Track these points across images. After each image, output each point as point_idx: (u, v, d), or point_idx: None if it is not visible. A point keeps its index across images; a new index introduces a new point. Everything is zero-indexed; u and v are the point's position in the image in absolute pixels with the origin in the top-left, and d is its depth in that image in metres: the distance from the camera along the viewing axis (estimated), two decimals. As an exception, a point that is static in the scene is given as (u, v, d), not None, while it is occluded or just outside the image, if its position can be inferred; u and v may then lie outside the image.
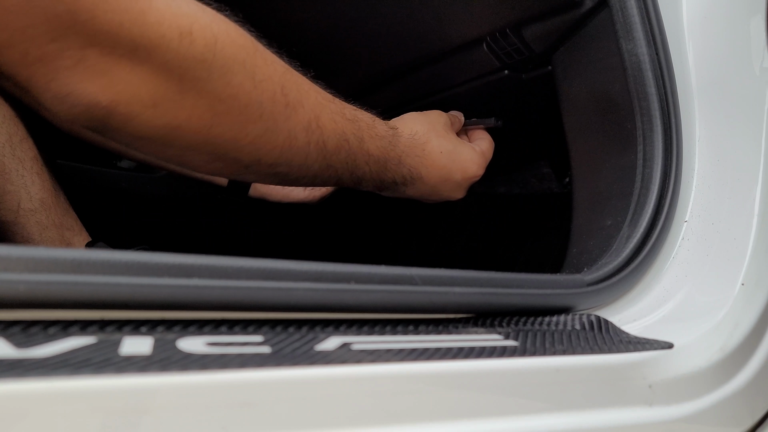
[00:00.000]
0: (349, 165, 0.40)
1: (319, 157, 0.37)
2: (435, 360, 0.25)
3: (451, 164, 0.47)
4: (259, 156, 0.34)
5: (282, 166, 0.36)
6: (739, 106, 0.44)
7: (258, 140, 0.33)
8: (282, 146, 0.35)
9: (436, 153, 0.46)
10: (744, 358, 0.35)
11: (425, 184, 0.47)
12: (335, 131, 0.38)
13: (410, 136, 0.45)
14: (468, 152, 0.49)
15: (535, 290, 0.34)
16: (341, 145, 0.38)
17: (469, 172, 0.49)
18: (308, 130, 0.36)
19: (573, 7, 0.48)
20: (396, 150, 0.44)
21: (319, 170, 0.38)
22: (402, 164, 0.44)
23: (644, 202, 0.41)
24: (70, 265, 0.22)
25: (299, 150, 0.36)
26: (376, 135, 0.41)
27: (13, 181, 0.50)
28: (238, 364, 0.22)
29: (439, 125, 0.49)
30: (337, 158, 0.39)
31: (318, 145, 0.37)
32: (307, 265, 0.27)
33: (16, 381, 0.18)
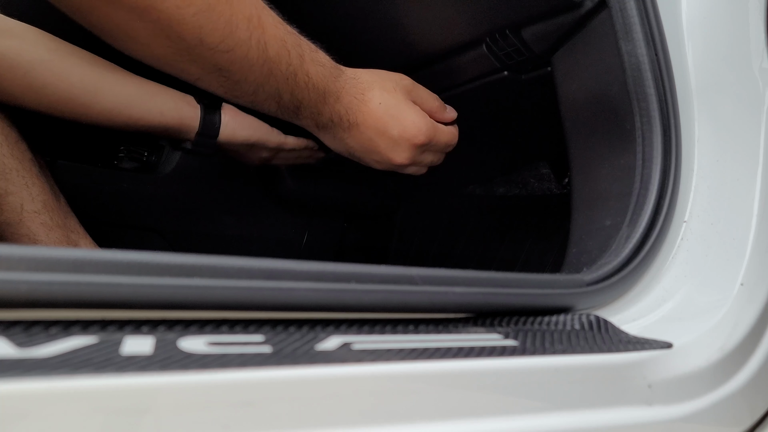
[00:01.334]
0: (290, 81, 0.40)
1: (260, 58, 0.38)
2: (435, 359, 0.25)
3: (388, 118, 0.47)
4: (202, 35, 0.35)
5: (223, 54, 0.37)
6: (739, 106, 0.44)
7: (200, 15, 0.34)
8: (223, 30, 0.36)
9: (375, 102, 0.46)
10: (743, 357, 0.36)
11: (361, 133, 0.47)
12: (276, 36, 0.39)
13: (353, 77, 0.46)
14: (412, 114, 0.48)
15: (534, 290, 0.34)
16: (281, 54, 0.39)
17: (408, 131, 0.48)
18: (250, 22, 0.37)
19: (572, 8, 0.48)
20: (336, 84, 0.44)
21: (260, 76, 0.39)
22: (340, 101, 0.45)
23: (643, 202, 0.41)
24: (72, 264, 0.22)
25: (240, 41, 0.37)
26: (318, 60, 0.42)
27: (15, 181, 0.50)
28: (239, 364, 0.22)
29: (389, 82, 0.48)
30: (277, 67, 0.39)
31: (259, 43, 0.38)
32: (307, 264, 0.27)
33: (17, 381, 0.18)
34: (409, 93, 0.50)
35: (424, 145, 0.50)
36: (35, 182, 0.51)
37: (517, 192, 0.84)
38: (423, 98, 0.52)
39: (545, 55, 0.55)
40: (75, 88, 0.52)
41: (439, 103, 0.54)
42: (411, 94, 0.50)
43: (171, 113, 0.58)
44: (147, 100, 0.57)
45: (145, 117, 0.57)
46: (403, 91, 0.49)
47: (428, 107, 0.52)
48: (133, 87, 0.56)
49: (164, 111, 0.58)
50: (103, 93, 0.54)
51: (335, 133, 0.48)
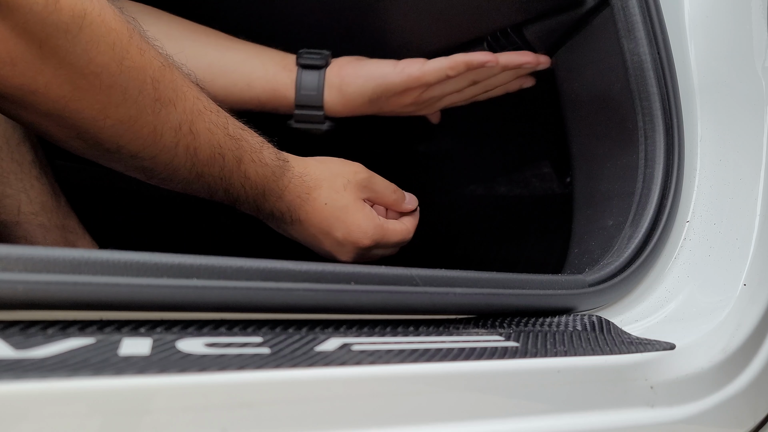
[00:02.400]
0: (224, 182, 0.39)
1: (188, 162, 0.36)
2: (435, 361, 0.25)
3: (333, 220, 0.45)
4: (120, 143, 0.34)
5: (146, 160, 0.35)
6: (741, 105, 0.44)
7: (120, 126, 0.33)
8: (146, 139, 0.34)
9: (320, 202, 0.44)
10: (746, 359, 0.35)
11: (305, 229, 0.45)
12: (210, 142, 0.37)
13: (300, 175, 0.43)
14: (360, 217, 0.45)
15: (536, 291, 0.33)
16: (215, 159, 0.37)
17: (353, 235, 0.45)
18: (178, 131, 0.35)
19: (574, 6, 0.48)
20: (278, 183, 0.42)
21: (188, 176, 0.37)
22: (282, 200, 0.43)
23: (646, 202, 0.40)
24: (69, 265, 0.22)
25: (165, 148, 0.35)
26: (260, 160, 0.40)
27: (12, 184, 0.49)
28: (237, 365, 0.21)
29: (341, 179, 0.45)
30: (209, 170, 0.38)
31: (188, 150, 0.36)
32: (306, 265, 0.27)
33: (14, 382, 0.18)
34: (362, 189, 0.47)
35: (369, 248, 0.47)
36: (34, 184, 0.51)
37: (518, 191, 0.84)
38: (379, 192, 0.48)
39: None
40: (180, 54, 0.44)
41: (399, 194, 0.50)
42: (364, 191, 0.47)
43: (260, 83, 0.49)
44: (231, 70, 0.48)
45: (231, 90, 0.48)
46: (354, 188, 0.46)
47: (385, 201, 0.49)
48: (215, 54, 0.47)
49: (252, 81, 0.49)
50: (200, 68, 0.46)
51: (278, 224, 0.46)
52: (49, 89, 0.30)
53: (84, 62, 0.30)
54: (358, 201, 0.46)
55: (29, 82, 0.29)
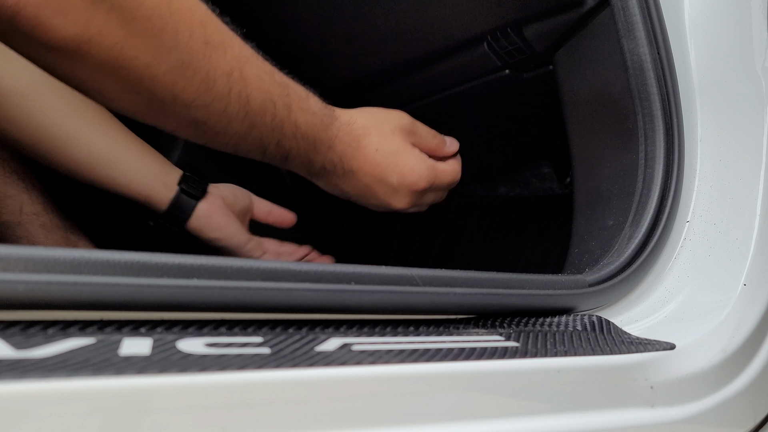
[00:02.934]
0: (276, 132, 0.38)
1: (241, 111, 0.36)
2: (436, 361, 0.25)
3: (386, 165, 0.45)
4: (175, 92, 0.33)
5: (199, 109, 0.35)
6: (741, 105, 0.44)
7: (173, 72, 0.32)
8: (199, 86, 0.34)
9: (371, 148, 0.44)
10: (746, 359, 0.35)
11: (358, 180, 0.45)
12: (260, 89, 0.37)
13: (347, 123, 0.43)
14: (412, 159, 0.46)
15: (536, 291, 0.33)
16: (266, 106, 0.37)
17: (407, 178, 0.45)
18: (230, 77, 0.35)
19: (574, 6, 0.48)
20: (328, 132, 0.42)
21: (241, 128, 0.37)
22: (333, 150, 0.42)
23: (646, 202, 0.40)
24: (70, 265, 0.22)
25: (218, 96, 0.35)
26: (308, 109, 0.40)
27: (15, 184, 0.49)
28: (237, 365, 0.21)
29: (387, 125, 0.46)
30: (261, 120, 0.37)
31: (240, 97, 0.36)
32: (307, 265, 0.27)
33: (15, 382, 0.18)
34: (408, 134, 0.47)
35: (425, 190, 0.47)
36: (35, 185, 0.51)
37: (518, 191, 0.84)
38: (422, 137, 0.49)
39: (547, 54, 0.55)
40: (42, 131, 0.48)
41: (439, 139, 0.51)
42: (410, 136, 0.47)
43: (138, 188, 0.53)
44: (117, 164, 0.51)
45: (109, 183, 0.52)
46: (401, 133, 0.47)
47: (428, 146, 0.49)
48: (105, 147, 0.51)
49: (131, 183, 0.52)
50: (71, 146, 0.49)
51: (329, 179, 0.45)
52: (102, 36, 0.30)
53: (134, 5, 0.30)
54: (407, 145, 0.46)
55: (82, 30, 0.29)
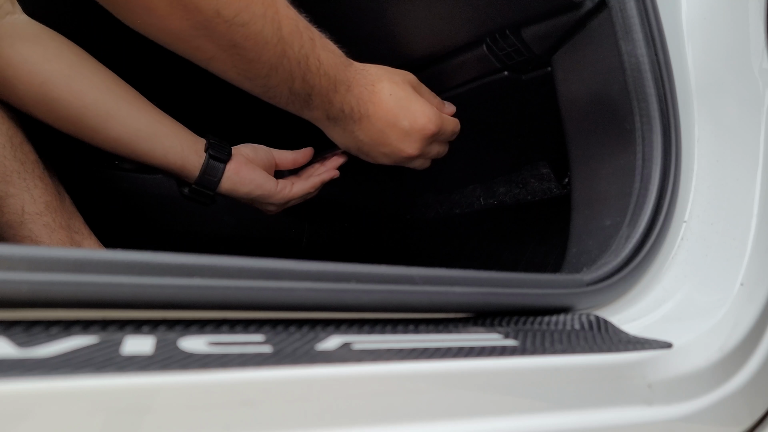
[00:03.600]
0: (302, 65, 0.41)
1: (274, 36, 0.39)
2: (435, 359, 0.25)
3: (398, 109, 0.48)
4: (218, 7, 0.36)
5: (239, 27, 0.37)
6: (738, 107, 0.44)
7: None
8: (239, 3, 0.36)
9: (385, 93, 0.47)
10: (743, 357, 0.36)
11: (372, 124, 0.48)
12: (289, 17, 0.39)
13: (362, 69, 0.47)
14: (421, 104, 0.50)
15: (534, 290, 0.34)
16: (294, 34, 0.40)
17: (418, 122, 0.49)
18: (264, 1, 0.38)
19: (572, 8, 0.48)
20: (347, 73, 0.45)
21: (274, 56, 0.39)
22: (351, 91, 0.45)
23: (643, 202, 0.41)
24: (72, 264, 0.22)
25: (255, 15, 0.37)
26: (328, 47, 0.43)
27: (16, 183, 0.50)
28: (239, 364, 0.22)
29: (397, 75, 0.50)
30: (291, 48, 0.40)
31: (273, 21, 0.38)
32: (308, 264, 0.27)
33: (17, 380, 0.18)
34: (415, 87, 0.52)
35: (434, 135, 0.51)
36: (37, 184, 0.51)
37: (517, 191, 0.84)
38: (425, 94, 0.54)
39: (545, 56, 0.55)
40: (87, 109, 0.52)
41: (439, 99, 0.56)
42: (416, 88, 0.52)
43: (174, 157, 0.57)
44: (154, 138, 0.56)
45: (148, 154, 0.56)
46: (410, 84, 0.51)
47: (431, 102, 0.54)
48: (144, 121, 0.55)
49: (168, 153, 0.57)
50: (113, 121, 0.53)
51: (345, 125, 0.48)
52: None
53: None
54: (415, 93, 0.50)
55: None
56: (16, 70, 0.48)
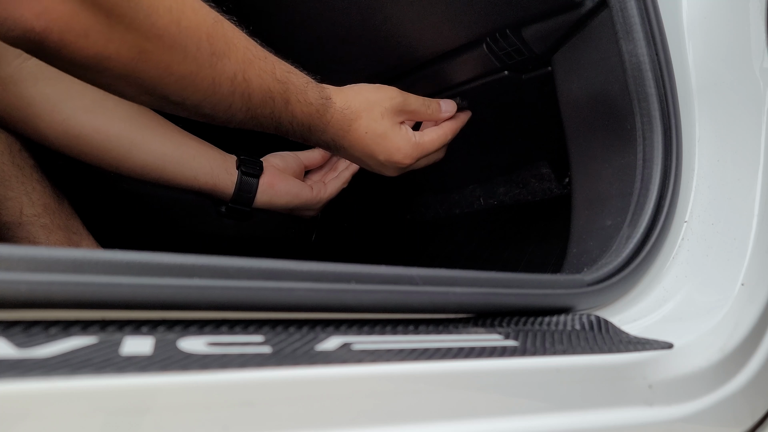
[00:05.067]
0: (274, 121, 0.43)
1: (243, 107, 0.41)
2: (435, 360, 0.25)
3: (374, 146, 0.50)
4: (185, 96, 0.38)
5: (207, 108, 0.39)
6: (739, 106, 0.44)
7: (183, 81, 0.37)
8: (206, 91, 0.38)
9: (361, 131, 0.49)
10: (744, 358, 0.35)
11: (350, 154, 0.50)
12: (261, 87, 0.41)
13: (341, 109, 0.48)
14: (399, 140, 0.51)
15: (535, 290, 0.34)
16: (266, 102, 0.42)
17: (394, 157, 0.51)
18: (233, 81, 0.39)
19: (573, 7, 0.48)
20: (322, 119, 0.46)
21: (244, 119, 0.42)
22: (326, 133, 0.47)
23: (644, 202, 0.41)
24: (72, 265, 0.22)
25: (223, 97, 0.39)
26: (305, 101, 0.44)
27: (14, 187, 0.50)
28: (238, 364, 0.22)
29: (378, 107, 0.50)
30: (261, 112, 0.42)
31: (243, 96, 0.40)
32: (307, 265, 0.27)
33: (17, 381, 0.18)
34: (399, 114, 0.51)
35: (410, 166, 0.53)
36: (36, 187, 0.51)
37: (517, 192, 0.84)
38: (414, 112, 0.53)
39: (546, 55, 0.55)
40: (110, 141, 0.53)
41: (433, 107, 0.55)
42: (400, 115, 0.52)
43: (205, 178, 0.58)
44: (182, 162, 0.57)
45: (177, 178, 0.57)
46: (391, 114, 0.51)
47: (420, 118, 0.54)
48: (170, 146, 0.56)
49: (198, 175, 0.58)
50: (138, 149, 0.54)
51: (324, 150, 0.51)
52: (119, 54, 0.33)
53: (147, 27, 0.33)
54: (395, 126, 0.51)
55: (102, 50, 0.33)
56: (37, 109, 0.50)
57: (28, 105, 0.49)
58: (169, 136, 0.56)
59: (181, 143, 0.57)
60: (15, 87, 0.49)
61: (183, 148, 0.57)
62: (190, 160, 0.57)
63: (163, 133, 0.56)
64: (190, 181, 0.58)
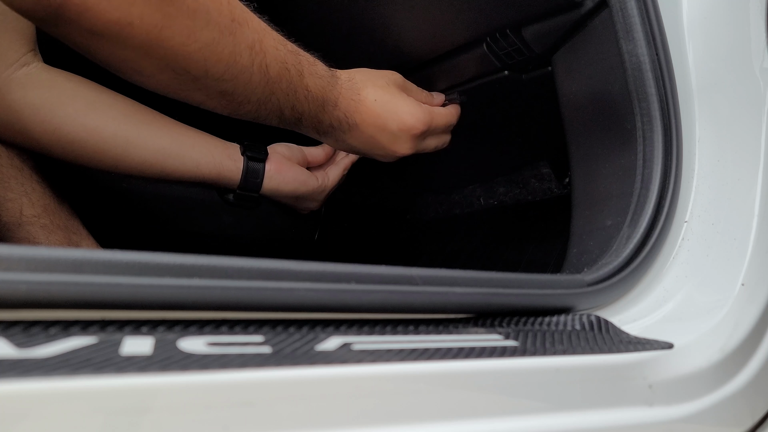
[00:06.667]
0: (290, 97, 0.42)
1: (261, 80, 0.40)
2: (435, 360, 0.25)
3: (385, 113, 0.49)
4: (207, 67, 0.36)
5: (227, 82, 0.38)
6: (739, 106, 0.44)
7: (205, 49, 0.36)
8: (227, 60, 0.37)
9: (370, 100, 0.48)
10: (744, 358, 0.35)
11: (362, 132, 0.49)
12: (277, 58, 0.40)
13: (347, 79, 0.48)
14: (407, 105, 0.50)
15: (535, 290, 0.34)
16: (282, 74, 0.41)
17: (406, 123, 0.50)
18: (252, 50, 0.38)
19: (573, 7, 0.48)
20: (333, 92, 0.46)
21: (262, 95, 0.41)
22: (338, 107, 0.46)
23: (644, 202, 0.41)
24: (71, 265, 0.22)
25: (243, 68, 0.38)
26: (316, 73, 0.44)
27: (13, 188, 0.50)
28: (238, 364, 0.22)
29: (381, 79, 0.50)
30: (278, 86, 0.41)
31: (261, 68, 0.39)
32: (307, 265, 0.27)
33: (16, 381, 0.18)
34: (400, 87, 0.52)
35: (424, 133, 0.52)
36: (35, 188, 0.52)
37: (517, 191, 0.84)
38: (413, 91, 0.54)
39: (546, 55, 0.55)
40: (106, 142, 0.52)
41: (426, 93, 0.57)
42: (402, 88, 0.52)
43: (208, 167, 0.57)
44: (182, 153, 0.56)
45: (179, 169, 0.56)
46: (395, 85, 0.51)
47: (418, 99, 0.54)
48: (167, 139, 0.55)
49: (200, 164, 0.57)
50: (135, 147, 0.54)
51: (337, 136, 0.49)
52: (142, 20, 0.32)
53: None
54: (401, 93, 0.51)
55: (124, 14, 0.31)
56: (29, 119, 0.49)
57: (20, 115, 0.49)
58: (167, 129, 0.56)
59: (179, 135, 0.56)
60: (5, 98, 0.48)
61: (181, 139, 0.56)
62: (190, 150, 0.56)
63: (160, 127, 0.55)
64: (193, 171, 0.57)
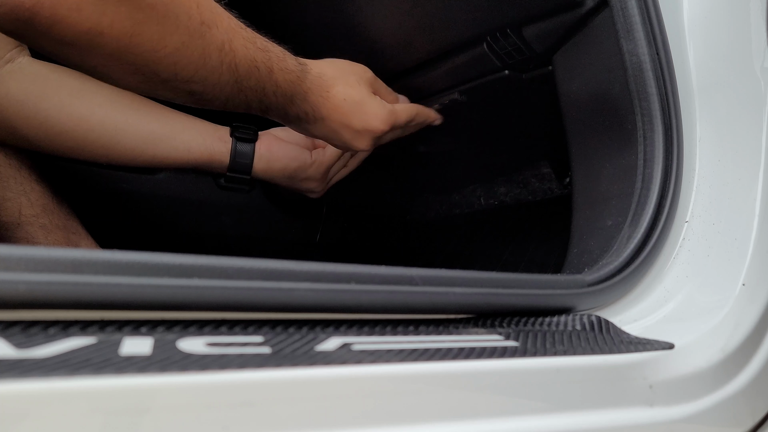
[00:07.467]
0: (258, 92, 0.43)
1: (231, 79, 0.40)
2: (435, 360, 0.25)
3: (352, 113, 0.49)
4: (176, 70, 0.37)
5: (197, 83, 0.39)
6: (740, 106, 0.44)
7: (175, 53, 0.36)
8: (197, 63, 0.37)
9: (339, 98, 0.49)
10: (745, 358, 0.35)
11: (326, 125, 0.49)
12: (246, 57, 0.41)
13: (318, 75, 0.48)
14: (374, 106, 0.51)
15: (535, 290, 0.34)
16: (251, 72, 0.41)
17: (370, 124, 0.50)
18: (221, 51, 0.39)
19: (574, 6, 0.48)
20: (303, 86, 0.46)
21: (231, 93, 0.41)
22: (306, 101, 0.47)
23: (645, 202, 0.41)
24: (71, 265, 0.22)
25: (213, 69, 0.39)
26: (286, 68, 0.44)
27: (12, 188, 0.50)
28: (238, 365, 0.22)
29: (352, 76, 0.51)
30: (247, 83, 0.41)
31: (230, 67, 0.40)
32: (307, 265, 0.27)
33: (16, 381, 0.18)
34: (371, 85, 0.53)
35: (384, 133, 0.53)
36: (34, 188, 0.51)
37: (518, 191, 0.84)
38: (381, 91, 0.54)
39: (546, 54, 0.55)
40: (93, 131, 0.52)
41: (395, 95, 0.58)
42: (372, 86, 0.53)
43: (199, 150, 0.57)
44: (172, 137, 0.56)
45: (171, 154, 0.56)
46: (365, 83, 0.51)
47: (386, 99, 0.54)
48: (156, 124, 0.55)
49: (191, 147, 0.57)
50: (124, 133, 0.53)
51: (301, 125, 0.50)
52: (112, 28, 0.32)
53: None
54: (370, 94, 0.52)
55: (95, 24, 0.32)
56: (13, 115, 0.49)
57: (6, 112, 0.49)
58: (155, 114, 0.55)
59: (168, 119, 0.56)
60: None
61: (171, 123, 0.56)
62: (180, 133, 0.56)
63: (148, 111, 0.55)
64: (184, 155, 0.56)
